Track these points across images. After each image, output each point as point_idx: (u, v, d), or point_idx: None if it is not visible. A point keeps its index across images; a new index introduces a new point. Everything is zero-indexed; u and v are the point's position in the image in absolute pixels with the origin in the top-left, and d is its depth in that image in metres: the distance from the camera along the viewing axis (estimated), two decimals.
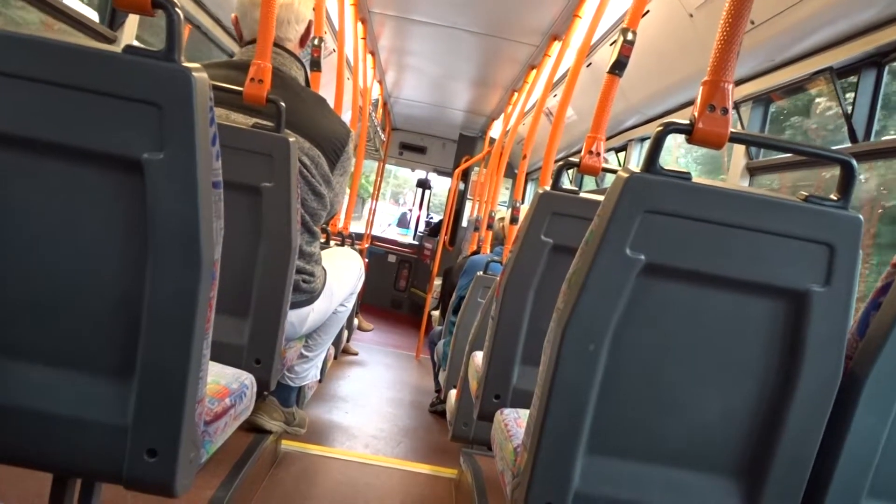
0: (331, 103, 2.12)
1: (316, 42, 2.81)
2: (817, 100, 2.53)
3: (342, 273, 2.26)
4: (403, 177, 14.44)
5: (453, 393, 2.77)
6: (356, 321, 5.47)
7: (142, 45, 0.96)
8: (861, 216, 1.02)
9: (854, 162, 1.04)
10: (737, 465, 1.08)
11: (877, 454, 1.05)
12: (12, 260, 0.98)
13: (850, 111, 2.20)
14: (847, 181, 1.03)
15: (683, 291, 1.04)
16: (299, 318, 2.01)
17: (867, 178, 2.35)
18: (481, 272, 3.05)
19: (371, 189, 9.03)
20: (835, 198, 1.03)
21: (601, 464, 1.07)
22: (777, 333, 1.04)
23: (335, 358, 3.80)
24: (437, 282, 6.03)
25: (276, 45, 1.87)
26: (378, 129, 6.68)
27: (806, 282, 1.02)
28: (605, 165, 1.98)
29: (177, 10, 0.96)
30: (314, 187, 1.88)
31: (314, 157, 1.87)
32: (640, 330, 1.04)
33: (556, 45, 3.79)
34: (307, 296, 1.99)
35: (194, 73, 0.94)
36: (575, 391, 1.04)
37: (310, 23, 2.04)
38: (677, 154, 4.08)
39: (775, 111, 2.78)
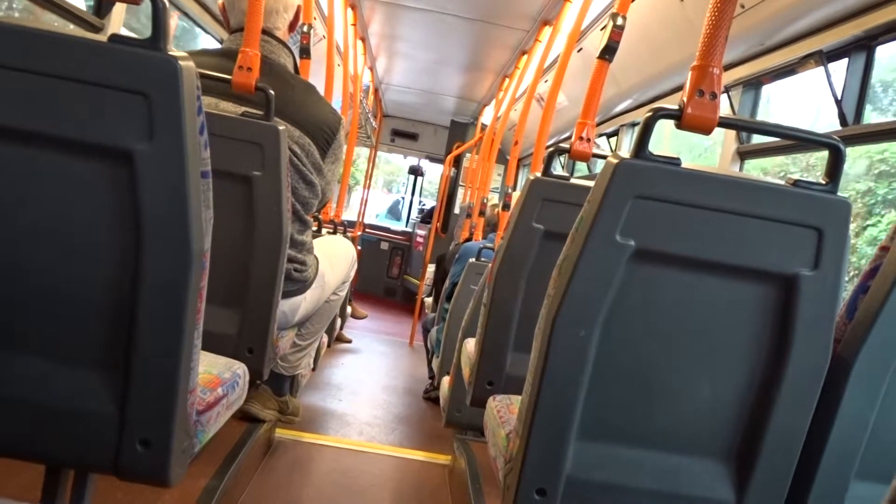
0: (321, 90, 2.11)
1: (305, 29, 2.78)
2: None
3: (334, 261, 2.25)
4: (397, 164, 14.30)
5: (446, 380, 2.77)
6: (350, 309, 5.47)
7: (128, 34, 0.95)
8: (849, 200, 1.03)
9: (843, 146, 1.04)
10: (727, 449, 1.09)
11: (865, 437, 1.06)
12: (1, 251, 0.97)
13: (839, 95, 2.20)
14: (836, 165, 1.03)
15: (673, 277, 1.04)
16: (291, 308, 2.00)
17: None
18: (474, 259, 3.05)
19: (360, 177, 9.00)
20: (824, 182, 1.03)
21: (592, 449, 1.07)
22: (766, 318, 1.05)
23: (328, 346, 3.80)
24: (430, 269, 6.03)
25: (264, 32, 1.86)
26: (369, 115, 6.65)
27: (795, 266, 1.02)
28: (595, 151, 1.98)
29: None
30: (305, 176, 1.88)
31: (304, 146, 1.86)
32: (630, 315, 1.05)
33: (547, 31, 3.78)
34: (299, 285, 1.99)
35: (181, 62, 0.94)
36: (566, 377, 1.04)
37: (298, 9, 2.02)
38: None
39: None
